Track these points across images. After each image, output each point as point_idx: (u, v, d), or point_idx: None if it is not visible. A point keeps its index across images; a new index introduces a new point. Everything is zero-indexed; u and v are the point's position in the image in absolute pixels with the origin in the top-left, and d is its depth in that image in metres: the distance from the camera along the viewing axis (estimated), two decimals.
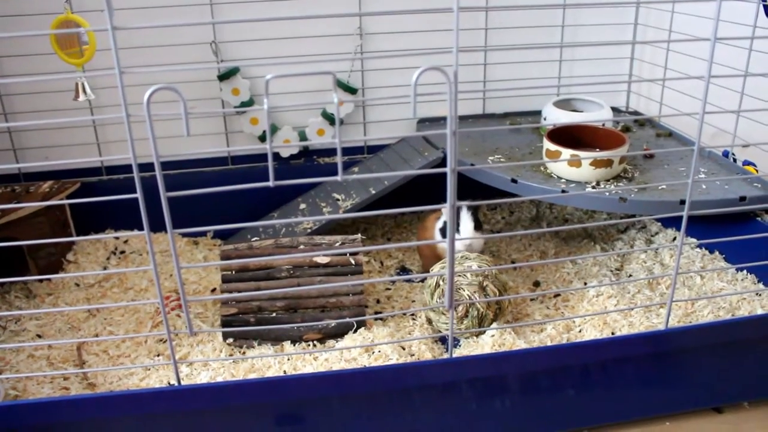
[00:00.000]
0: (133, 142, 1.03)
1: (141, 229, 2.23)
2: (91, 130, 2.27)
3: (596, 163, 1.88)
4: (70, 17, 1.64)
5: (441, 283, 1.73)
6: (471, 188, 1.89)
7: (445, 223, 1.94)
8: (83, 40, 1.81)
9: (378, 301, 1.93)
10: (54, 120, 1.13)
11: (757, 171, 2.00)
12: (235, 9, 2.17)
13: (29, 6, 2.06)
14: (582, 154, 1.87)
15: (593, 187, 1.89)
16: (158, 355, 1.70)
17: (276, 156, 2.32)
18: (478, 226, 1.91)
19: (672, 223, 2.22)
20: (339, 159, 1.05)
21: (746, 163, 2.05)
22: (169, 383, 1.56)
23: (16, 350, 1.73)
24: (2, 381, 1.53)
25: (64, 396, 1.50)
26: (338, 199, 2.10)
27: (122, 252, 2.22)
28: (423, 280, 1.95)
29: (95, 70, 1.88)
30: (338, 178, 1.09)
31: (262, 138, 2.30)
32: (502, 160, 2.09)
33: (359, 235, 1.80)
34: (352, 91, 2.29)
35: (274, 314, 1.70)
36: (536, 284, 1.99)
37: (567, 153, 1.88)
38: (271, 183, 1.06)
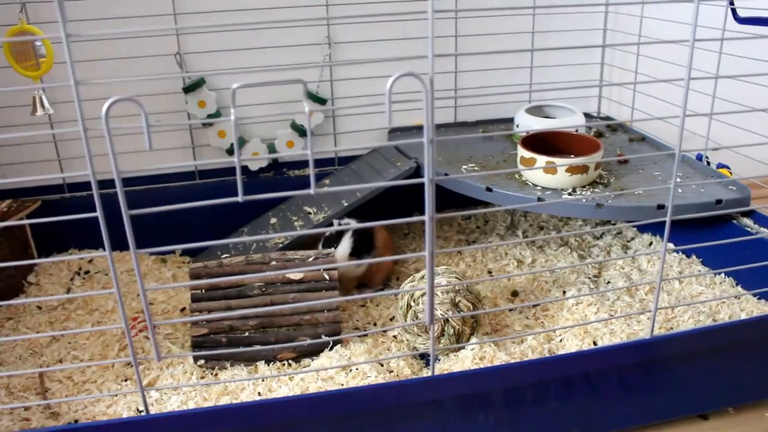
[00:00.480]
0: (92, 157, 0.97)
1: (102, 247, 2.18)
2: (52, 146, 2.18)
3: (572, 170, 1.85)
4: (25, 28, 1.57)
5: (412, 303, 1.68)
6: (444, 197, 1.85)
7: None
8: (40, 53, 1.73)
9: (351, 317, 1.88)
10: (10, 135, 1.07)
11: (731, 174, 2.00)
12: (200, 19, 2.11)
13: None
14: (557, 160, 1.84)
15: (569, 194, 1.86)
16: (126, 380, 1.62)
17: (245, 169, 2.26)
18: (359, 251, 1.90)
19: (648, 228, 2.20)
20: (312, 171, 1.00)
21: (720, 166, 2.05)
22: (137, 410, 1.48)
23: None
24: None
25: (25, 430, 1.42)
26: (310, 213, 2.05)
27: (87, 272, 2.14)
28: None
29: (51, 83, 1.81)
30: (311, 191, 1.04)
31: (230, 151, 2.24)
32: (476, 168, 2.06)
33: (332, 250, 1.75)
34: (322, 101, 2.24)
35: (246, 333, 1.64)
36: (514, 294, 1.95)
37: (542, 160, 1.86)
38: (240, 198, 1.01)
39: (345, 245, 1.89)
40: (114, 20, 2.03)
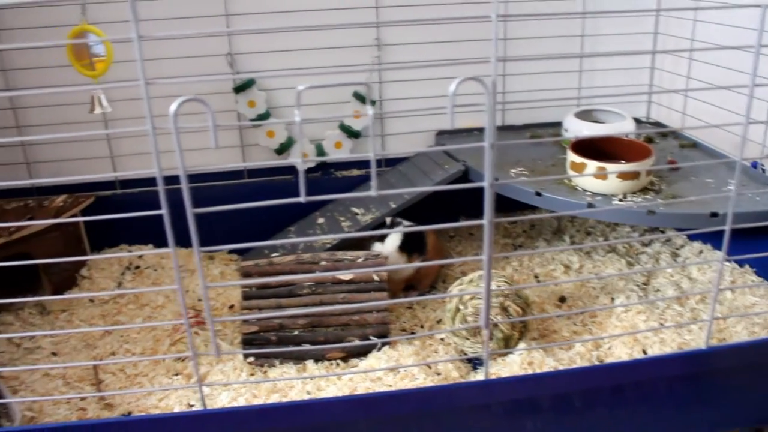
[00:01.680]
0: (159, 155, 0.99)
1: (155, 243, 2.22)
2: (105, 143, 2.23)
3: (623, 176, 1.83)
4: (86, 28, 1.60)
5: (461, 307, 1.67)
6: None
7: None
8: (93, 52, 1.77)
9: (398, 318, 1.88)
10: (74, 133, 1.09)
11: None
12: (251, 20, 2.13)
13: (44, 18, 2.03)
14: (610, 166, 1.82)
15: (620, 200, 1.84)
16: (177, 374, 1.66)
17: (292, 169, 2.27)
18: (410, 249, 1.91)
19: (698, 235, 2.17)
20: (373, 171, 1.01)
21: None
22: (189, 405, 1.51)
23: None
24: (18, 402, 1.48)
25: (82, 420, 1.45)
26: (357, 214, 2.06)
27: (137, 267, 2.18)
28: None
29: (116, 81, 1.84)
30: (372, 192, 1.05)
31: (279, 151, 2.26)
32: (524, 172, 2.05)
33: (382, 252, 1.76)
34: (371, 102, 2.25)
35: (296, 332, 1.65)
36: (562, 300, 1.94)
37: (593, 165, 1.84)
38: (302, 198, 1.02)
39: (394, 240, 1.89)
40: (165, 21, 2.06)
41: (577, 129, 2.14)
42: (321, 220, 2.14)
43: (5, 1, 0.90)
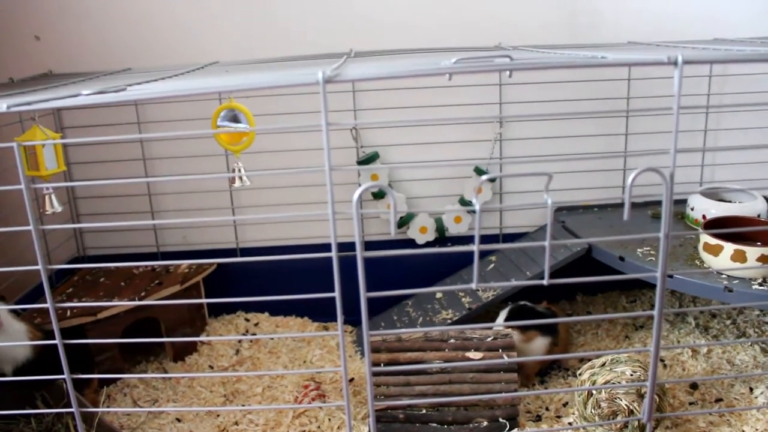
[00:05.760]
0: (336, 235, 1.01)
1: (270, 311, 2.28)
2: (228, 212, 2.30)
3: (763, 259, 1.75)
4: (233, 106, 1.68)
5: (594, 392, 1.62)
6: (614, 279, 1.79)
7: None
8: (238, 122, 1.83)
9: (522, 400, 1.83)
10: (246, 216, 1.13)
11: None
12: (373, 96, 2.19)
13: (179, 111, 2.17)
14: (750, 249, 1.75)
15: (759, 285, 1.76)
16: None
17: (412, 243, 2.29)
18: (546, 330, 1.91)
19: None
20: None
21: None
22: None
23: None
24: None
25: None
26: (477, 290, 2.04)
27: (253, 334, 2.22)
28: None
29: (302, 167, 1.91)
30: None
31: (399, 225, 2.27)
32: (651, 252, 1.99)
33: (511, 331, 1.73)
34: (491, 179, 2.26)
35: (423, 411, 1.63)
36: (694, 387, 1.85)
37: (730, 247, 1.77)
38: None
39: (503, 316, 1.92)
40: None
41: (705, 208, 2.08)
42: (439, 295, 2.13)
43: (150, 95, 0.95)
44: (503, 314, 1.93)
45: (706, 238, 1.84)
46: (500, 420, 1.63)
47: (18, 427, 1.53)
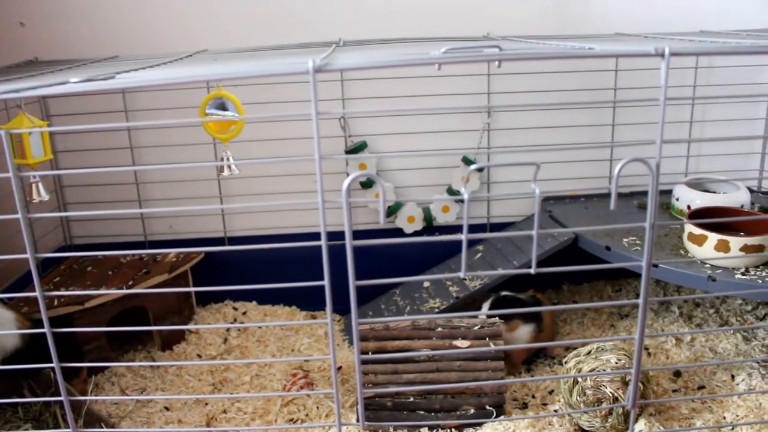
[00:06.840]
0: (326, 224, 1.02)
1: (258, 300, 2.28)
2: (216, 200, 2.30)
3: (747, 249, 1.78)
4: (221, 94, 1.67)
5: (579, 379, 1.64)
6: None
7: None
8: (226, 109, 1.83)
9: (508, 387, 1.85)
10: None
11: None
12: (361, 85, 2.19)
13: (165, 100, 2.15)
14: (733, 239, 1.78)
15: (743, 274, 1.78)
16: None
17: (399, 232, 2.30)
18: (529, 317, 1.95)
19: None
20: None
21: None
22: None
23: (146, 421, 1.73)
24: None
25: None
26: (465, 279, 2.06)
27: (241, 323, 2.22)
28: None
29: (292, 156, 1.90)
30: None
31: (387, 214, 2.27)
32: (637, 242, 2.01)
33: (497, 320, 1.74)
34: (479, 169, 2.27)
35: (411, 398, 1.65)
36: (677, 374, 1.87)
37: (714, 237, 1.79)
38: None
39: (485, 308, 1.94)
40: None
41: (690, 198, 2.10)
42: (427, 284, 2.14)
43: (139, 83, 0.95)
44: (486, 306, 1.95)
45: (690, 228, 1.86)
46: (487, 407, 1.64)
47: (5, 417, 1.53)
